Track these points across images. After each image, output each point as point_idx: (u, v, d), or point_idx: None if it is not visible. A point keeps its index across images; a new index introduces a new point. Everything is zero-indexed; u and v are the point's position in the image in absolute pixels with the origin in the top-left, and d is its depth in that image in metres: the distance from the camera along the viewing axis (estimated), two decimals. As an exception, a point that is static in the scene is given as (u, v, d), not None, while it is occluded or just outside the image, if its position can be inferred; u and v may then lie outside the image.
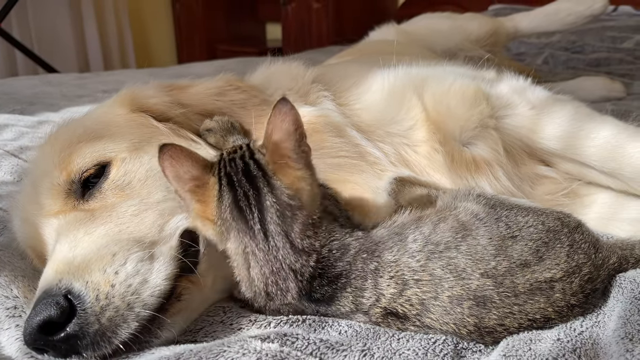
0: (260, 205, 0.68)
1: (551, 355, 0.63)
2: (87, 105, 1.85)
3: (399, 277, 0.68)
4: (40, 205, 0.79)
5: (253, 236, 0.68)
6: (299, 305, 0.71)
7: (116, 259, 0.67)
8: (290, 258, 0.68)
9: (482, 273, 0.67)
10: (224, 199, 0.68)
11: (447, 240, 0.71)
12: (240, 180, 0.69)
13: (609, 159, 0.96)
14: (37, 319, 0.61)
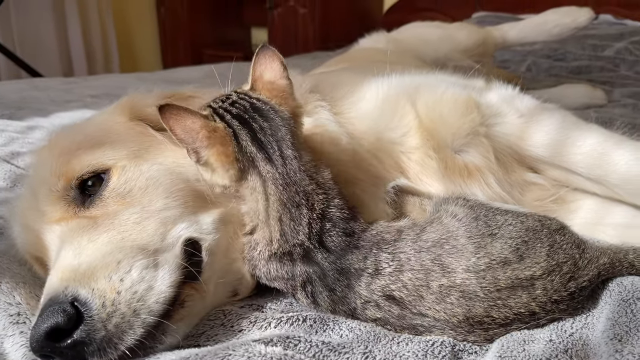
0: (275, 136, 0.77)
1: (544, 355, 0.65)
2: (77, 111, 1.86)
3: (396, 256, 0.73)
4: (40, 212, 0.79)
5: (273, 163, 0.76)
6: (310, 250, 0.74)
7: (121, 266, 0.68)
8: (304, 181, 0.76)
9: (465, 269, 0.71)
10: (241, 136, 0.76)
11: (433, 239, 0.75)
12: (253, 117, 0.77)
13: (595, 166, 0.99)
14: (45, 326, 0.62)
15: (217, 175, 0.77)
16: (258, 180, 0.76)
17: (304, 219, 0.74)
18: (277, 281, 0.77)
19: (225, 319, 0.77)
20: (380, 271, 0.72)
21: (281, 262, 0.76)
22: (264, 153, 0.76)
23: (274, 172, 0.75)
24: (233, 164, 0.75)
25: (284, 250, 0.75)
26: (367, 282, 0.72)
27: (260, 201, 0.76)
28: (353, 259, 0.73)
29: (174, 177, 0.82)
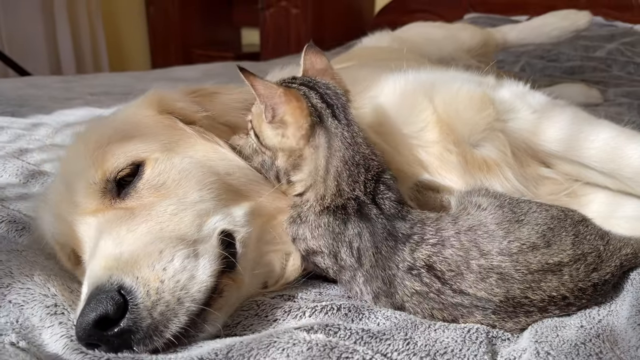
0: (339, 101, 0.86)
1: (579, 340, 0.67)
2: (79, 108, 1.85)
3: (438, 232, 0.76)
4: (74, 204, 0.79)
5: (339, 122, 0.83)
6: (365, 205, 0.79)
7: (163, 256, 0.69)
8: (363, 145, 0.83)
9: (498, 252, 0.73)
10: (311, 95, 0.84)
11: (469, 224, 0.77)
12: (317, 84, 0.87)
13: (608, 160, 1.02)
14: (93, 315, 0.62)
15: (289, 133, 0.81)
16: (324, 137, 0.81)
17: (361, 177, 0.80)
18: (323, 238, 0.79)
19: (259, 309, 0.78)
20: (425, 241, 0.75)
21: (334, 215, 0.79)
22: (332, 110, 0.83)
23: (341, 129, 0.82)
24: (307, 117, 0.80)
25: (338, 204, 0.79)
26: (411, 248, 0.75)
27: (321, 159, 0.80)
28: (401, 226, 0.77)
29: (205, 170, 0.83)
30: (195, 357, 0.62)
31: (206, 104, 0.94)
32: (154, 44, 5.61)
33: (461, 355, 0.65)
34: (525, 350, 0.66)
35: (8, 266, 0.79)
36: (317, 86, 0.87)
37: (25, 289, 0.75)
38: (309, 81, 0.89)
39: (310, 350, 0.63)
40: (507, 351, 0.68)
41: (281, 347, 0.64)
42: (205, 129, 0.89)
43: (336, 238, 0.79)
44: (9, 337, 0.67)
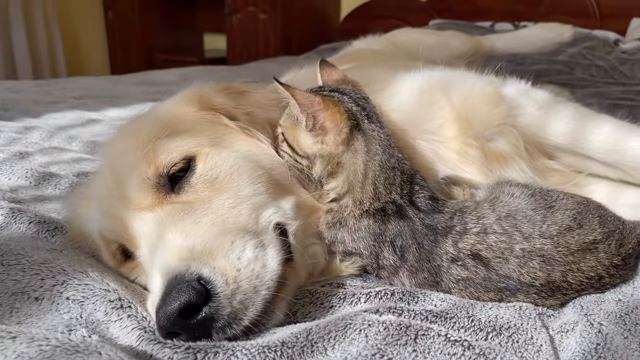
0: (370, 106, 0.92)
1: (622, 312, 0.73)
2: (68, 112, 1.81)
3: (480, 220, 0.80)
4: (126, 200, 0.79)
5: (374, 123, 0.88)
6: (403, 207, 0.82)
7: (235, 246, 0.70)
8: (395, 148, 0.88)
9: (540, 234, 0.78)
10: (344, 100, 0.88)
11: (507, 211, 0.82)
12: (347, 90, 0.92)
13: (612, 152, 1.10)
14: (177, 304, 0.63)
15: (329, 139, 0.84)
16: (362, 141, 0.84)
17: (397, 180, 0.84)
18: (364, 240, 0.82)
19: (313, 297, 0.80)
20: (468, 230, 0.79)
21: (374, 218, 0.82)
22: (366, 113, 0.88)
23: (377, 132, 0.86)
24: (346, 121, 0.84)
25: (377, 207, 0.82)
26: (454, 239, 0.79)
27: (360, 163, 0.83)
28: (440, 219, 0.81)
29: (253, 164, 0.85)
30: (276, 341, 0.64)
31: (241, 101, 0.95)
32: (112, 48, 5.48)
33: (523, 328, 0.69)
34: (576, 322, 0.71)
35: (58, 264, 0.78)
36: (346, 92, 0.91)
37: (84, 285, 0.75)
38: (337, 88, 0.93)
39: (387, 330, 0.66)
40: (557, 325, 0.73)
41: (357, 328, 0.66)
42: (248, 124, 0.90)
43: (377, 239, 0.82)
44: (80, 332, 0.67)
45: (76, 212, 0.90)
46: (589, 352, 0.64)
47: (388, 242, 0.82)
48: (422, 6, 4.09)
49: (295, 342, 0.64)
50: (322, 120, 0.84)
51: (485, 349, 0.62)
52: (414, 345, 0.64)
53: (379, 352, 0.62)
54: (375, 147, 0.85)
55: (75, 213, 0.90)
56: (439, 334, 0.65)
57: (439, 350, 0.63)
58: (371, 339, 0.65)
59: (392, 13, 4.17)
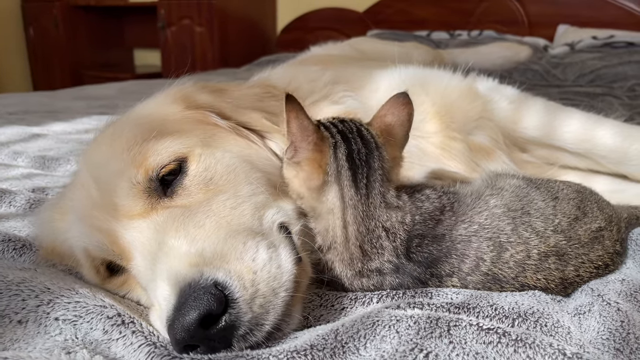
0: (368, 164, 0.76)
1: (630, 290, 0.74)
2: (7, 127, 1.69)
3: (495, 239, 0.76)
4: (115, 208, 0.72)
5: (357, 190, 0.75)
6: (398, 264, 0.75)
7: (248, 247, 0.65)
8: (383, 216, 0.76)
9: (553, 230, 0.78)
10: (340, 149, 0.76)
11: (520, 207, 0.80)
12: (355, 138, 0.77)
13: (583, 142, 1.14)
14: (196, 314, 0.57)
15: (299, 180, 0.77)
16: (338, 203, 0.75)
17: (387, 247, 0.74)
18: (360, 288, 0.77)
19: (322, 300, 0.76)
20: (482, 264, 0.74)
21: (368, 278, 0.76)
22: (353, 173, 0.75)
23: (356, 200, 0.75)
24: (320, 174, 0.75)
25: (370, 268, 0.75)
26: (460, 277, 0.75)
27: (338, 226, 0.75)
28: (445, 267, 0.75)
29: (249, 165, 0.80)
30: (305, 345, 0.60)
31: (224, 98, 0.90)
32: (34, 66, 5.20)
33: (547, 313, 0.68)
34: (592, 304, 0.71)
35: (40, 282, 0.70)
36: (354, 141, 0.78)
37: (74, 303, 0.67)
38: (350, 131, 0.79)
39: (417, 323, 0.63)
40: (572, 307, 0.73)
41: (386, 325, 0.63)
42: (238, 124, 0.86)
43: (376, 287, 0.77)
44: (80, 354, 0.60)
45: (51, 227, 0.81)
46: (616, 330, 0.64)
47: (387, 287, 0.76)
48: (359, 17, 4.15)
49: (325, 344, 0.60)
50: (303, 157, 0.76)
51: (521, 334, 0.61)
52: (449, 336, 0.61)
53: (416, 347, 0.59)
54: (350, 217, 0.75)
55: (49, 229, 0.81)
56: (470, 324, 0.63)
57: (474, 339, 0.61)
58: (403, 334, 0.61)
59: (329, 24, 4.21)
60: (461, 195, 0.85)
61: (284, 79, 1.08)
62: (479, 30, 3.43)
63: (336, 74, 1.10)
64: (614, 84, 2.51)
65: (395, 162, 0.80)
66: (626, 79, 2.54)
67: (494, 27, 3.42)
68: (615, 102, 2.10)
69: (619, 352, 0.62)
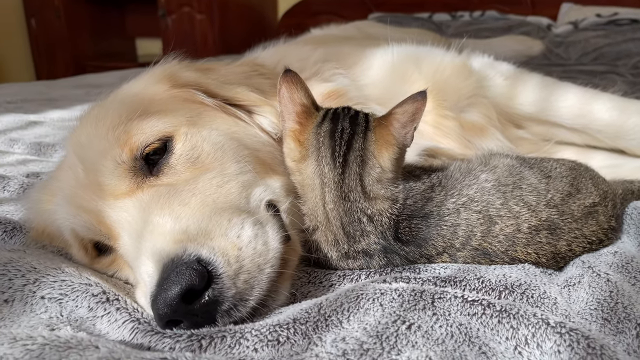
0: (349, 144, 0.74)
1: (622, 262, 0.73)
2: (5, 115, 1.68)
3: (485, 212, 0.75)
4: (101, 188, 0.72)
5: (333, 168, 0.74)
6: (386, 245, 0.74)
7: (233, 224, 0.65)
8: (362, 203, 0.74)
9: (546, 204, 0.77)
10: (323, 126, 0.76)
11: (511, 182, 0.79)
12: (344, 119, 0.77)
13: (579, 117, 1.13)
14: (178, 288, 0.57)
15: (285, 152, 0.78)
16: (317, 180, 0.74)
17: (372, 232, 0.73)
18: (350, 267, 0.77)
19: (310, 276, 0.76)
20: (472, 237, 0.74)
21: (355, 259, 0.75)
22: (331, 153, 0.74)
23: (330, 178, 0.73)
24: (299, 147, 0.76)
25: (357, 249, 0.74)
26: (451, 253, 0.75)
27: (319, 205, 0.74)
28: (436, 243, 0.74)
29: (236, 142, 0.79)
30: (287, 319, 0.60)
31: (214, 75, 0.90)
32: (37, 56, 5.20)
33: (534, 285, 0.68)
34: (582, 275, 0.71)
35: (26, 262, 0.70)
36: (342, 120, 0.76)
37: (60, 282, 0.67)
38: (347, 113, 0.78)
39: (401, 296, 0.62)
40: (562, 280, 0.72)
41: (370, 298, 0.63)
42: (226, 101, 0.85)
43: (365, 266, 0.76)
44: (64, 330, 0.60)
45: (39, 209, 0.81)
46: (604, 300, 0.64)
47: (375, 267, 0.76)
48: (360, 0, 4.11)
49: (308, 317, 0.60)
50: (287, 128, 0.78)
51: (505, 305, 0.60)
52: (432, 308, 0.61)
53: (399, 319, 0.59)
54: (328, 196, 0.74)
55: (38, 210, 0.81)
56: (455, 296, 0.62)
57: (458, 311, 0.60)
58: (387, 307, 0.61)
59: (330, 9, 4.17)
60: (451, 170, 0.84)
61: (273, 58, 1.07)
62: (481, 11, 3.38)
63: (327, 52, 1.09)
64: (617, 62, 2.47)
65: (386, 148, 0.75)
66: (630, 57, 2.50)
67: (496, 7, 3.38)
68: (618, 80, 2.07)
69: (606, 322, 0.61)
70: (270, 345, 0.57)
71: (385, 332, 0.57)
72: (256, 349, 0.57)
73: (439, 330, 0.58)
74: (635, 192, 0.95)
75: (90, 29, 5.05)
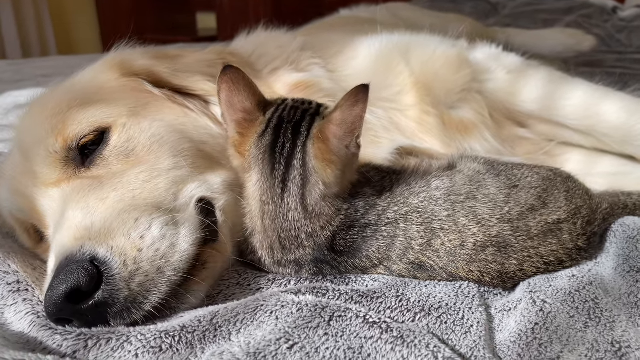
0: (289, 160, 0.68)
1: (572, 288, 0.66)
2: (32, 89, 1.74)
3: (427, 224, 0.69)
4: (34, 175, 0.73)
5: (272, 186, 0.69)
6: (319, 256, 0.70)
7: (140, 223, 0.64)
8: (302, 222, 0.68)
9: (499, 219, 0.70)
10: (264, 139, 0.69)
11: (466, 191, 0.73)
12: (286, 129, 0.69)
13: (585, 117, 1.02)
14: (63, 287, 0.57)
15: (230, 155, 0.74)
16: (256, 192, 0.70)
17: (309, 246, 0.69)
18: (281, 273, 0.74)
19: (240, 278, 0.73)
20: (410, 250, 0.69)
21: (285, 267, 0.71)
22: (270, 170, 0.69)
23: (269, 197, 0.69)
24: (240, 158, 0.71)
25: (289, 259, 0.70)
26: (387, 266, 0.70)
27: (256, 215, 0.70)
28: (370, 255, 0.70)
29: (178, 135, 0.77)
30: (176, 326, 0.58)
31: (173, 64, 0.88)
32: (104, 28, 5.40)
33: (456, 308, 0.62)
34: (520, 300, 0.65)
35: (-39, 245, 0.72)
36: (284, 132, 0.69)
37: (-17, 267, 0.69)
38: (291, 119, 0.70)
39: (300, 311, 0.59)
40: (500, 303, 0.66)
41: (269, 310, 0.60)
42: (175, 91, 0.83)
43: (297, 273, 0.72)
44: (-33, 317, 0.61)
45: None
46: (525, 333, 0.58)
47: (305, 274, 0.72)
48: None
49: (197, 326, 0.58)
50: (230, 136, 0.72)
51: (404, 331, 0.55)
52: (326, 328, 0.57)
53: (284, 337, 0.55)
54: (265, 211, 0.69)
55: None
56: (357, 315, 0.58)
57: (354, 333, 0.56)
58: (281, 321, 0.58)
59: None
60: (407, 173, 0.79)
61: (248, 47, 1.04)
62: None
63: (308, 40, 1.05)
64: (684, 51, 2.24)
65: (328, 165, 0.67)
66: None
67: (560, -14, 3.13)
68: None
69: (519, 358, 0.55)
70: (151, 352, 0.56)
71: (264, 351, 0.54)
72: (137, 355, 0.56)
73: (324, 352, 0.54)
74: (630, 207, 0.85)
75: (153, 1, 5.18)
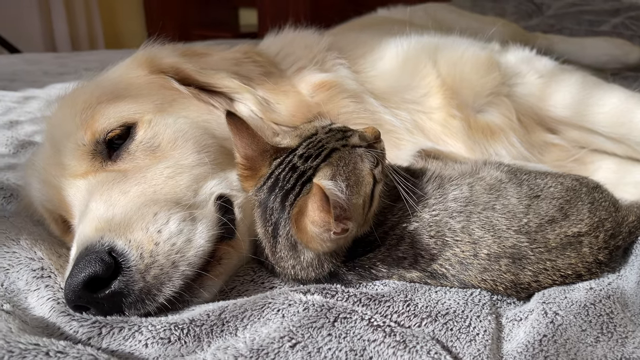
0: (276, 227, 0.67)
1: (588, 301, 0.64)
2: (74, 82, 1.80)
3: (439, 237, 0.69)
4: (63, 167, 0.76)
5: (266, 234, 0.69)
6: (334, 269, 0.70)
7: (158, 218, 0.66)
8: (297, 269, 0.68)
9: (517, 230, 0.69)
10: (260, 194, 0.69)
11: (484, 201, 0.72)
12: (276, 196, 0.67)
13: (618, 125, 0.99)
14: (82, 275, 0.59)
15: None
16: (257, 226, 0.70)
17: (312, 275, 0.69)
18: None
19: (255, 275, 0.75)
20: (420, 260, 0.69)
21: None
22: (263, 225, 0.69)
23: (265, 243, 0.69)
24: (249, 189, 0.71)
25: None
26: (400, 274, 0.70)
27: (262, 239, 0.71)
28: (375, 273, 0.70)
29: (202, 131, 0.79)
30: (186, 319, 0.60)
31: (199, 62, 0.90)
32: (150, 24, 5.53)
33: (463, 316, 0.62)
34: (532, 311, 0.64)
35: (-9, 232, 0.76)
36: (275, 196, 0.67)
37: (11, 253, 0.72)
38: (288, 179, 0.66)
39: (307, 310, 0.60)
40: (512, 313, 0.66)
41: (276, 308, 0.61)
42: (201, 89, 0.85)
43: None
44: (-7, 302, 0.65)
45: (25, 180, 0.87)
46: (532, 344, 0.57)
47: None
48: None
49: (206, 320, 0.60)
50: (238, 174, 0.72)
51: (407, 336, 0.55)
52: (330, 329, 0.57)
53: (287, 335, 0.56)
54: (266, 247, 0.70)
55: (24, 182, 0.88)
56: (362, 318, 0.58)
57: (357, 335, 0.57)
58: (287, 320, 0.59)
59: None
60: (424, 182, 0.78)
61: (275, 46, 1.05)
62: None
63: (335, 40, 1.05)
64: None
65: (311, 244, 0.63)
66: None
67: (607, -13, 3.02)
68: None
69: (523, 371, 0.54)
70: (160, 343, 0.58)
71: (267, 348, 0.55)
72: (147, 345, 0.58)
73: (326, 352, 0.55)
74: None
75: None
